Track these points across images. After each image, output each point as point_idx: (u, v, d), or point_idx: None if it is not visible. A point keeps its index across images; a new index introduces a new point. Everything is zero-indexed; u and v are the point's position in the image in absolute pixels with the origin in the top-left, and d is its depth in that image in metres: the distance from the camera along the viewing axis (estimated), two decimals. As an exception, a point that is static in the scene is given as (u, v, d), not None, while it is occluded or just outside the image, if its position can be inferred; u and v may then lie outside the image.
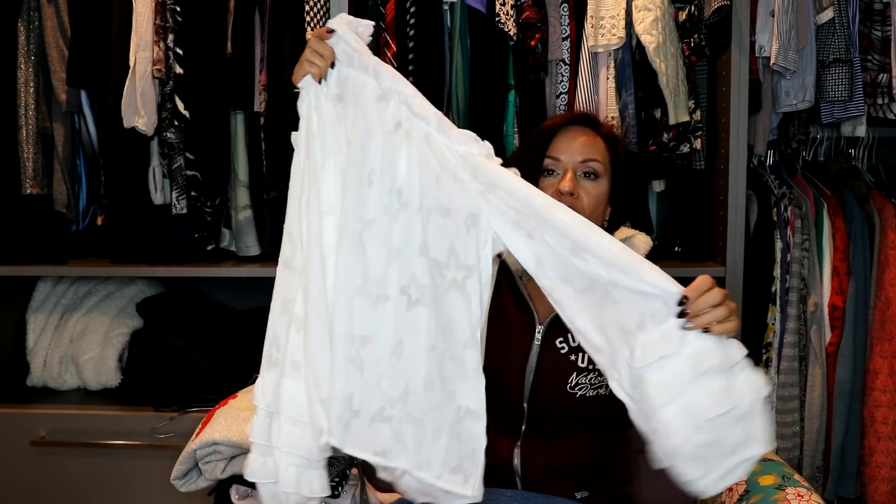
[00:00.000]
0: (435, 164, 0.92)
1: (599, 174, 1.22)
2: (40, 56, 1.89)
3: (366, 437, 0.92)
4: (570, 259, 0.87)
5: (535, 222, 0.88)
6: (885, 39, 1.81)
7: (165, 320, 1.99)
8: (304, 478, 0.96)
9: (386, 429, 0.92)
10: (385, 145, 0.93)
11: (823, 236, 1.89)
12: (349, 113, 0.96)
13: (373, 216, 0.93)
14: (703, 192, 1.91)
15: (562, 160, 1.21)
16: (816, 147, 2.00)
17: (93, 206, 2.03)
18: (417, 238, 0.93)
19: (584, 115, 1.29)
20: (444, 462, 0.92)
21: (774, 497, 1.40)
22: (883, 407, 1.84)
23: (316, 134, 0.97)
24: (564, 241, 0.87)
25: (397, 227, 0.93)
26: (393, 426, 0.93)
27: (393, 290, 0.93)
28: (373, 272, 0.92)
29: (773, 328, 1.84)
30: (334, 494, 1.43)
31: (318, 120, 0.97)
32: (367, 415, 0.93)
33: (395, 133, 0.93)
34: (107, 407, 1.84)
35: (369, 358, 0.92)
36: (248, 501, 1.42)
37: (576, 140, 1.22)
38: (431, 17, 1.77)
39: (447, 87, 1.80)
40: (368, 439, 0.92)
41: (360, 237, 0.93)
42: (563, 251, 0.87)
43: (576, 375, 1.22)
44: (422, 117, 0.92)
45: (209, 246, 1.91)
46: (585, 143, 1.22)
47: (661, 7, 1.74)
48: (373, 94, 0.94)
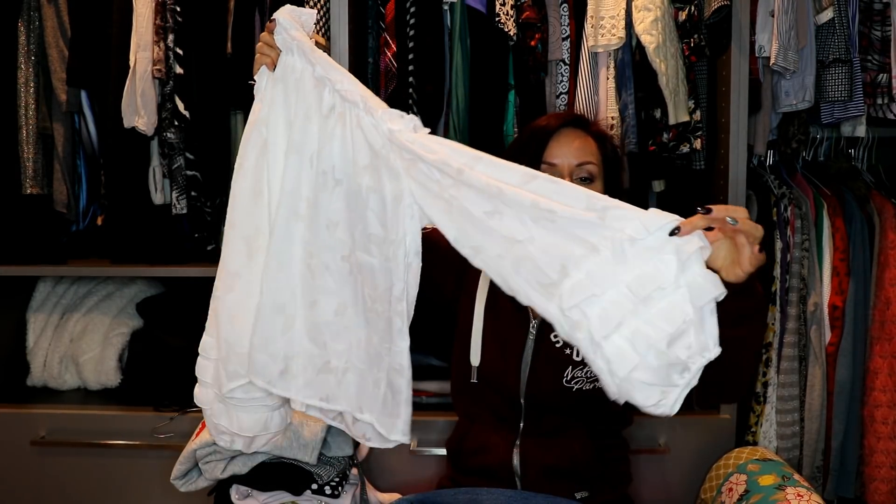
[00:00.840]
0: (365, 144, 0.99)
1: (594, 176, 1.24)
2: (40, 56, 1.89)
3: (313, 386, 1.04)
4: (487, 223, 0.91)
5: (454, 190, 0.93)
6: (884, 39, 1.81)
7: (165, 320, 1.99)
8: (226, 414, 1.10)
9: (331, 378, 1.04)
10: (321, 129, 1.01)
11: (823, 236, 1.89)
12: (291, 99, 1.03)
13: (312, 195, 1.02)
14: (703, 192, 1.91)
15: (558, 165, 1.22)
16: (816, 147, 2.00)
17: (93, 206, 2.03)
18: (353, 214, 1.01)
19: (576, 117, 1.31)
20: (381, 409, 1.01)
21: (774, 497, 1.40)
22: (883, 407, 1.84)
23: (262, 119, 1.05)
24: (482, 203, 0.91)
25: (335, 205, 1.01)
26: (337, 376, 1.04)
27: (333, 260, 1.02)
28: (314, 245, 1.02)
29: (773, 328, 1.84)
30: (334, 494, 1.43)
31: (267, 104, 1.05)
32: (314, 367, 1.03)
33: (329, 117, 1.01)
34: (107, 407, 1.84)
35: (318, 318, 1.03)
36: (248, 501, 1.43)
37: (570, 145, 1.24)
38: (431, 17, 1.77)
39: (447, 87, 1.80)
40: (315, 388, 1.04)
41: (301, 213, 1.02)
42: (481, 214, 0.91)
43: (571, 369, 1.22)
44: (351, 101, 0.99)
45: (209, 246, 1.91)
46: (580, 147, 1.24)
47: (661, 7, 1.74)
48: (311, 80, 1.02)
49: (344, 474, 1.47)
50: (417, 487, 1.59)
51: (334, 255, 1.02)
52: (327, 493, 1.42)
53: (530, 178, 0.90)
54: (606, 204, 0.87)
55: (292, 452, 1.41)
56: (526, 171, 0.91)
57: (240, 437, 1.11)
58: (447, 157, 0.93)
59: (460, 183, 0.92)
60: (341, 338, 1.03)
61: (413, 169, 0.96)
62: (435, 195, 0.95)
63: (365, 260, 1.00)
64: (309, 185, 1.01)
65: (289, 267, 1.03)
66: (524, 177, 0.91)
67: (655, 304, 0.84)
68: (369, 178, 0.99)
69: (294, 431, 1.41)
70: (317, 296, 1.03)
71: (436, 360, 1.84)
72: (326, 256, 1.02)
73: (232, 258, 1.06)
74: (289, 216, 1.02)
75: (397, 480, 1.72)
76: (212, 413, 1.12)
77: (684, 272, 0.84)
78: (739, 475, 1.54)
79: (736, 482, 1.52)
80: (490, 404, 1.29)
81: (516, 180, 0.90)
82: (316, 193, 1.01)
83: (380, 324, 1.01)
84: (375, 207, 0.99)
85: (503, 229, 0.90)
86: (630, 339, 0.84)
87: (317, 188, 1.01)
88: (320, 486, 1.42)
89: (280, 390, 1.04)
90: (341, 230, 1.01)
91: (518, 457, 1.25)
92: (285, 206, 1.02)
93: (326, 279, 1.03)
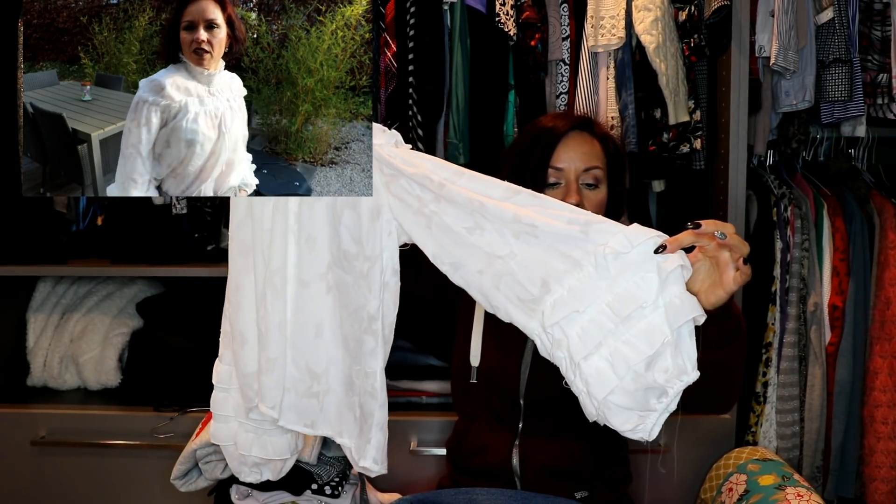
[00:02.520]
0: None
1: (600, 181, 1.24)
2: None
3: (297, 411, 1.00)
4: (468, 238, 0.89)
5: (434, 206, 0.91)
6: (884, 39, 1.81)
7: (165, 320, 1.99)
8: (258, 442, 1.04)
9: (314, 403, 1.00)
10: None
11: (823, 236, 1.89)
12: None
13: (297, 208, 0.98)
14: (703, 192, 1.91)
15: (564, 170, 1.22)
16: (816, 147, 2.00)
17: (93, 206, 2.03)
18: (331, 230, 0.97)
19: (584, 119, 1.29)
20: (358, 434, 0.99)
21: (774, 497, 1.40)
22: (882, 407, 1.84)
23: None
24: (463, 219, 0.90)
25: (316, 219, 0.97)
26: (319, 400, 1.00)
27: (312, 277, 0.98)
28: (293, 262, 0.98)
29: (773, 328, 1.84)
30: (334, 494, 1.43)
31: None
32: (298, 392, 0.99)
33: None
34: (107, 407, 1.84)
35: (295, 339, 0.99)
36: (249, 501, 1.43)
37: (578, 149, 1.23)
38: (431, 17, 1.77)
39: (447, 87, 1.80)
40: (299, 413, 1.00)
41: (290, 224, 0.98)
42: (461, 230, 0.90)
43: None
44: None
45: (209, 246, 1.91)
46: (588, 153, 1.23)
47: (661, 7, 1.74)
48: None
49: (344, 474, 1.47)
50: (417, 487, 1.60)
51: (313, 273, 0.98)
52: (327, 493, 1.42)
53: (513, 192, 0.89)
54: (589, 219, 0.86)
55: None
56: (509, 186, 0.90)
57: (269, 464, 1.07)
58: (428, 172, 0.91)
59: (441, 198, 0.90)
60: (320, 360, 0.99)
61: (393, 184, 0.94)
62: (415, 211, 0.93)
63: (340, 277, 0.97)
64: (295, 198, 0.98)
65: (284, 286, 0.98)
66: (507, 191, 0.89)
67: (635, 324, 0.82)
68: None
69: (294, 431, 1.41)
70: (297, 315, 0.99)
71: (436, 360, 1.84)
72: (307, 273, 0.98)
73: (232, 273, 1.02)
74: (283, 231, 0.98)
75: (397, 480, 1.72)
76: (238, 447, 1.05)
77: (664, 291, 0.82)
78: (739, 475, 1.54)
79: (736, 482, 1.52)
80: (490, 405, 1.29)
81: (499, 194, 0.89)
82: (300, 206, 0.98)
83: (352, 344, 0.98)
84: (349, 223, 0.96)
85: (484, 245, 0.89)
86: (610, 361, 0.83)
87: (300, 202, 0.98)
88: (320, 485, 1.42)
89: (276, 414, 1.00)
90: (320, 246, 0.97)
91: (518, 457, 1.25)
92: (278, 220, 0.98)
93: (305, 297, 0.98)
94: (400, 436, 1.73)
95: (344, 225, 0.97)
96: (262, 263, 0.98)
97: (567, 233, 0.85)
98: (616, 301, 0.83)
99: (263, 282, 0.97)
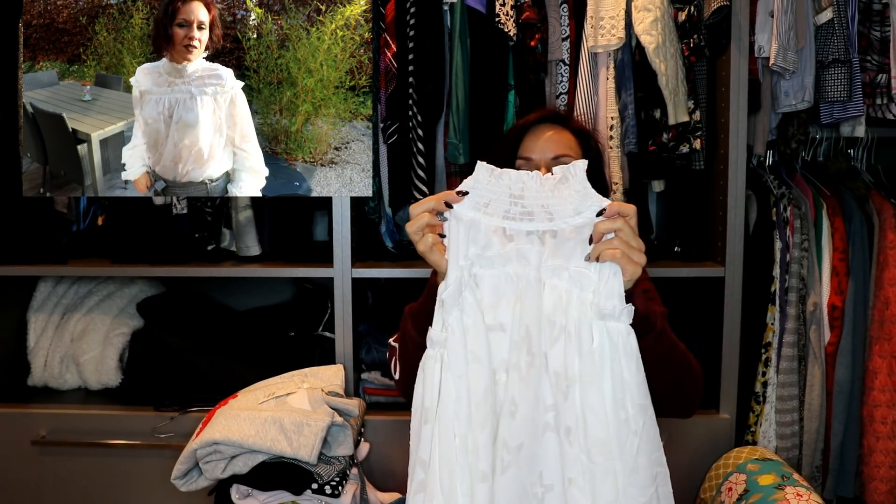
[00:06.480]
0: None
1: None
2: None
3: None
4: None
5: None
6: (883, 40, 1.81)
7: (166, 320, 1.99)
8: None
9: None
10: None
11: (823, 236, 1.89)
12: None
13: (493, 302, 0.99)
14: (703, 192, 1.91)
15: (533, 159, 1.22)
16: (816, 147, 2.00)
17: (93, 206, 2.03)
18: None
19: (555, 112, 1.30)
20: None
21: (774, 496, 1.40)
22: (882, 406, 1.84)
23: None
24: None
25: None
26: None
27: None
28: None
29: (773, 328, 1.84)
30: (334, 494, 1.43)
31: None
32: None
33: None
34: (107, 407, 1.84)
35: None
36: (249, 501, 1.43)
37: (543, 136, 1.23)
38: (431, 18, 1.77)
39: (447, 87, 1.80)
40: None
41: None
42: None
43: None
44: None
45: (209, 246, 1.91)
46: (553, 139, 1.23)
47: (661, 7, 1.74)
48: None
49: (344, 474, 1.48)
50: (417, 487, 1.59)
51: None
52: (327, 492, 1.42)
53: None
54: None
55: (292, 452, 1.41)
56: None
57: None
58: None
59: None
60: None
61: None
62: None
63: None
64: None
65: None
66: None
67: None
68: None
69: (295, 431, 1.42)
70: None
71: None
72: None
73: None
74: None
75: (397, 480, 1.72)
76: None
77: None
78: (739, 475, 1.54)
79: (735, 482, 1.52)
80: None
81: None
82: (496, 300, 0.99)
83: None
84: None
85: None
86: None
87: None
88: (320, 485, 1.42)
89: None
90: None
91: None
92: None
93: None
94: (401, 436, 1.74)
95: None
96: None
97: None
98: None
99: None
